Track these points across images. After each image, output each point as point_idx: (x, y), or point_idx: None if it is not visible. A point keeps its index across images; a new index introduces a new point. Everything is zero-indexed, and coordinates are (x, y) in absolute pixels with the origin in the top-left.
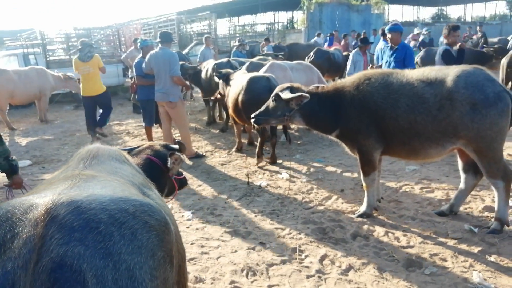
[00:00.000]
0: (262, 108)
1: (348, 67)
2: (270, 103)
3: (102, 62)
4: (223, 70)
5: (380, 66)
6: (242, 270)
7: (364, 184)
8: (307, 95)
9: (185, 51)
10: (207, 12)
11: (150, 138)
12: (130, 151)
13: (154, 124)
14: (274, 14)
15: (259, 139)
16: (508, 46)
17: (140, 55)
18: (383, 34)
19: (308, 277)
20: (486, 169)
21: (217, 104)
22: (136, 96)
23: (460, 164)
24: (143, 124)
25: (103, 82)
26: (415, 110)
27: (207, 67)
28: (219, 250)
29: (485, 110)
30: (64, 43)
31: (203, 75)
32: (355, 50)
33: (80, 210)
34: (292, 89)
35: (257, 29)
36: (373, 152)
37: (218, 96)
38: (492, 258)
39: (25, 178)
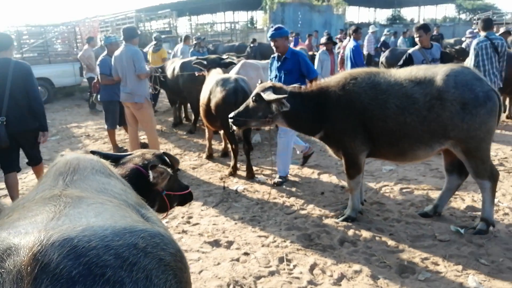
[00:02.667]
0: (241, 108)
1: (315, 67)
2: (250, 103)
3: (166, 54)
4: (211, 57)
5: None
6: (228, 285)
7: (349, 187)
8: (287, 104)
9: (145, 49)
10: (167, 10)
11: (113, 141)
12: (118, 159)
13: (118, 126)
14: (233, 14)
15: (231, 153)
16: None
17: (105, 52)
18: (353, 33)
19: None
20: (474, 170)
21: (183, 105)
22: (99, 97)
23: (444, 164)
24: (105, 127)
25: (59, 81)
26: (405, 111)
27: (173, 66)
28: (200, 263)
29: (475, 110)
30: (15, 40)
31: (169, 74)
32: (322, 50)
33: (78, 252)
34: (274, 89)
35: (217, 28)
36: (359, 155)
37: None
38: (483, 260)
39: None
